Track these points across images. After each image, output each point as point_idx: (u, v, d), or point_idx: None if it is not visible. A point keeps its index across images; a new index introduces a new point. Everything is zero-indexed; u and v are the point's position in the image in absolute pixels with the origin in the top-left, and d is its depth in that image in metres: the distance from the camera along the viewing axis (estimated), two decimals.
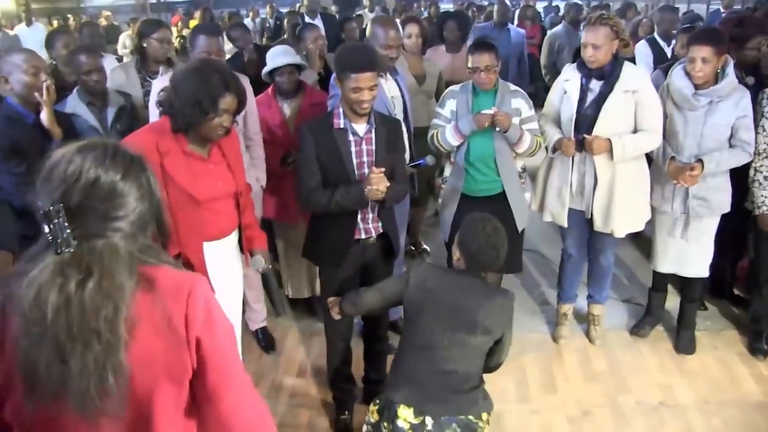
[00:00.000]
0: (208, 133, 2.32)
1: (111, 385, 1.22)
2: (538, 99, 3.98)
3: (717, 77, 3.14)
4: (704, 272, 3.44)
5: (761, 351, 3.51)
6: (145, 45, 3.70)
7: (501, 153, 3.26)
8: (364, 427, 2.34)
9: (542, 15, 11.11)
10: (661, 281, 3.68)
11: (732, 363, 3.48)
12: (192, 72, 2.29)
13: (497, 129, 3.15)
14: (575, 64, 3.31)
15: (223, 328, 1.36)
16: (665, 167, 3.25)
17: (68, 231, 1.21)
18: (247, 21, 11.09)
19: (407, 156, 3.29)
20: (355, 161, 2.73)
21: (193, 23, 10.63)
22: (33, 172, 2.41)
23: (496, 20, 6.58)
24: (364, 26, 6.17)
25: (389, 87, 3.40)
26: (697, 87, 3.15)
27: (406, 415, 2.19)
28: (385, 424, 2.21)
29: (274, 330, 3.86)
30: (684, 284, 3.58)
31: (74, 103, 3.23)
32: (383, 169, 2.60)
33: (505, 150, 3.26)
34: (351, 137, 2.72)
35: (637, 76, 3.20)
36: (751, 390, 3.28)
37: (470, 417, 2.21)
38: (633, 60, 4.58)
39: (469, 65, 3.21)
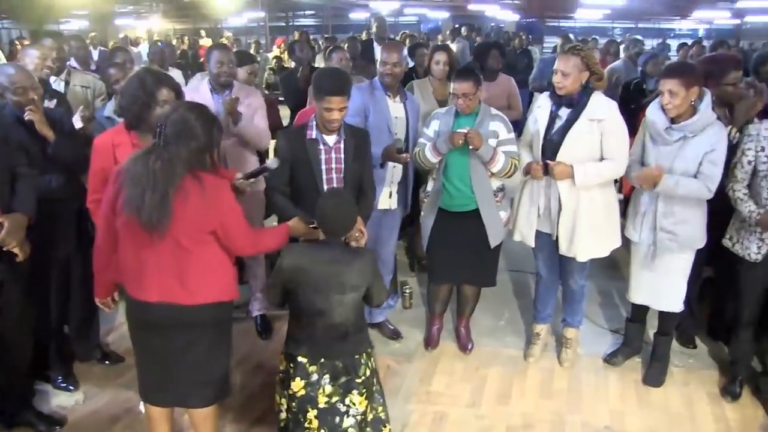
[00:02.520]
0: (156, 122, 2.73)
1: (162, 215, 2.30)
2: None
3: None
4: (675, 307, 3.44)
5: (732, 393, 3.44)
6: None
7: (475, 171, 3.47)
8: (278, 375, 2.72)
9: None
10: (638, 312, 3.70)
11: (697, 401, 3.45)
12: (132, 78, 2.91)
13: (471, 147, 3.36)
14: (548, 92, 3.47)
15: (234, 211, 2.50)
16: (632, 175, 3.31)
17: (162, 137, 2.37)
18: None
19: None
20: (323, 167, 3.09)
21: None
22: (35, 166, 2.93)
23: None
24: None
25: (395, 108, 3.68)
26: (673, 121, 3.21)
27: (305, 361, 2.57)
28: (291, 365, 2.60)
29: (274, 319, 4.20)
30: (659, 317, 3.59)
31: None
32: (363, 229, 2.85)
33: (480, 168, 3.46)
34: (321, 146, 3.08)
35: (603, 105, 3.31)
36: (706, 429, 3.25)
37: (355, 356, 2.60)
38: None
39: (450, 90, 3.48)
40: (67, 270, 3.37)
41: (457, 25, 14.14)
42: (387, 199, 3.69)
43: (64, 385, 3.47)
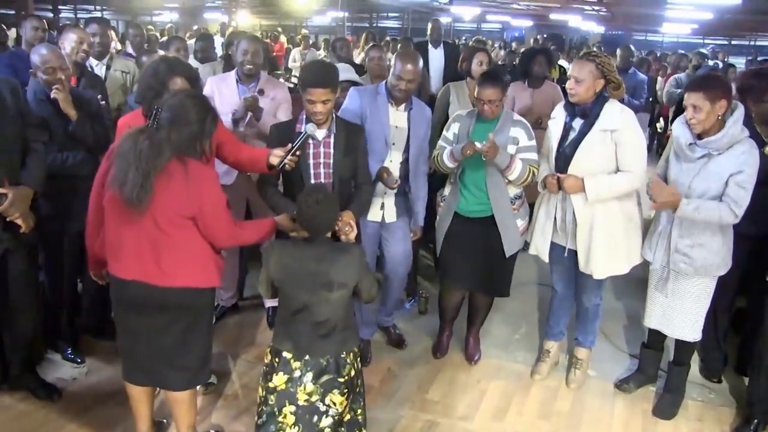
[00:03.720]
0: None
1: (142, 194, 2.32)
2: None
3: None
4: (689, 336, 3.21)
5: None
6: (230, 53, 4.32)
7: (492, 178, 3.37)
8: (263, 368, 2.65)
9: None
10: (655, 338, 3.48)
11: None
12: (147, 66, 2.96)
13: (484, 159, 3.26)
14: (563, 103, 3.31)
15: (216, 202, 2.52)
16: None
17: (157, 119, 2.43)
18: None
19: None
20: (311, 162, 3.05)
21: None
22: (55, 142, 3.05)
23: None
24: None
25: (396, 116, 3.46)
26: (699, 137, 3.02)
27: (289, 357, 2.53)
28: (276, 359, 2.55)
29: None
30: (675, 345, 3.38)
31: None
32: (353, 223, 2.79)
33: (496, 175, 3.36)
34: (310, 140, 3.02)
35: (617, 115, 3.13)
36: None
37: (341, 354, 2.54)
38: None
39: (476, 95, 3.37)
40: (80, 244, 3.46)
41: (542, 35, 13.86)
42: (378, 210, 3.51)
43: (72, 357, 3.58)
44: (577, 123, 3.21)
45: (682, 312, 3.18)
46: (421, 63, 3.49)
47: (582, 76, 3.11)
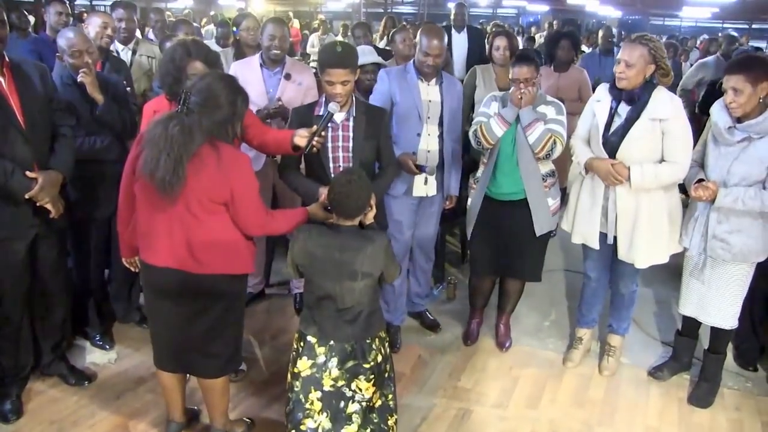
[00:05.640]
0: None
1: (174, 180, 2.28)
2: None
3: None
4: (725, 323, 3.14)
5: None
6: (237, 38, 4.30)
7: (522, 154, 3.31)
8: (292, 353, 2.61)
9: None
10: (690, 325, 3.41)
11: (747, 430, 3.15)
12: (166, 51, 2.95)
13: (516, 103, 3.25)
14: (608, 85, 3.22)
15: (249, 187, 2.47)
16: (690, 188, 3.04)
17: (186, 103, 2.36)
18: None
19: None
20: (329, 145, 2.98)
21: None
22: (82, 126, 3.04)
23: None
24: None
25: (428, 91, 3.49)
26: (739, 120, 2.93)
27: (314, 341, 2.50)
28: (301, 343, 2.53)
29: None
30: (710, 333, 3.30)
31: None
32: (372, 205, 2.66)
33: (527, 151, 3.29)
34: (330, 123, 2.94)
35: (667, 103, 3.04)
36: None
37: (366, 340, 2.50)
38: None
39: (510, 76, 3.31)
40: (107, 230, 3.45)
41: (558, 21, 13.68)
42: (422, 186, 3.53)
43: (101, 343, 3.57)
44: (623, 109, 3.11)
45: (718, 299, 3.11)
46: (446, 39, 3.53)
47: (633, 60, 3.00)
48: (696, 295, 3.18)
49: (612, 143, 3.13)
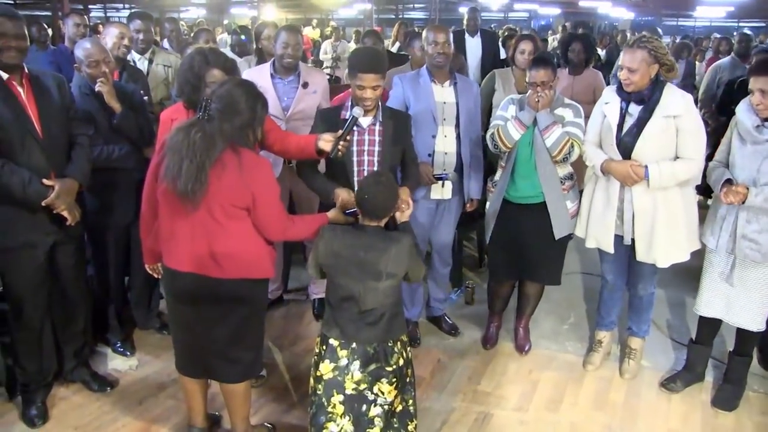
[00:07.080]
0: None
1: (197, 186, 2.32)
2: None
3: None
4: (754, 325, 3.10)
5: None
6: (260, 46, 4.33)
7: (540, 156, 3.31)
8: (314, 357, 2.63)
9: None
10: (705, 332, 3.34)
11: None
12: (184, 59, 2.96)
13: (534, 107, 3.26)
14: (615, 87, 3.22)
15: (270, 192, 2.51)
16: (718, 189, 3.01)
17: (207, 110, 2.40)
18: None
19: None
20: (355, 149, 3.00)
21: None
22: (100, 135, 3.07)
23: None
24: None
25: (442, 92, 3.51)
26: (767, 120, 2.91)
27: (336, 344, 2.51)
28: (324, 346, 2.54)
29: None
30: (736, 335, 3.27)
31: None
32: (410, 200, 2.75)
33: (544, 153, 3.30)
34: (354, 127, 2.95)
35: (679, 100, 3.04)
36: None
37: (388, 343, 2.51)
38: None
39: (527, 80, 3.32)
40: (126, 237, 3.48)
41: (570, 23, 13.66)
42: (439, 188, 3.53)
43: (122, 349, 3.60)
44: (634, 109, 3.11)
45: (746, 300, 3.07)
46: (451, 34, 3.58)
47: (635, 65, 3.01)
48: (722, 297, 3.14)
49: (626, 144, 3.12)
